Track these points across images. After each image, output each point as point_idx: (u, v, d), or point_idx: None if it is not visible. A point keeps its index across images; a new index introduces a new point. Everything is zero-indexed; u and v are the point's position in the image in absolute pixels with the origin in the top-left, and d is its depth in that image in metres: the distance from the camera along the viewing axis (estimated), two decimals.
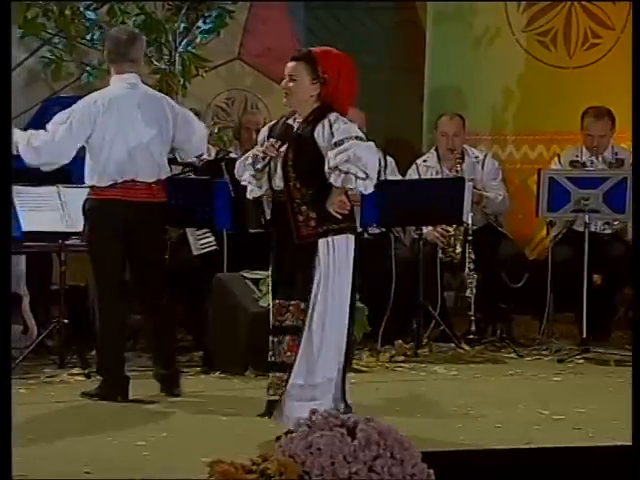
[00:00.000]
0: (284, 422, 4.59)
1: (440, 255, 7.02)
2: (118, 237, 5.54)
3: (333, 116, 4.69)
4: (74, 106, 5.58)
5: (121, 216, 5.53)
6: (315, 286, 4.64)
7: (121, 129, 5.53)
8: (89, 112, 5.52)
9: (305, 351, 4.66)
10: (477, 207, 7.07)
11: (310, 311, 4.64)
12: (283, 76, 4.75)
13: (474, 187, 7.05)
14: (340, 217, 4.64)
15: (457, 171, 7.17)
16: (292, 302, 4.67)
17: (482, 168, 7.34)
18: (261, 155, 4.71)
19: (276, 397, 4.67)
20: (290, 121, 4.78)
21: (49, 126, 5.56)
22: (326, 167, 4.61)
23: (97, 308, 5.65)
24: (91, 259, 5.66)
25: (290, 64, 4.76)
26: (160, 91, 6.26)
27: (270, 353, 4.71)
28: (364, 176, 4.58)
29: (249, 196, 4.82)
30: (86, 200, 5.65)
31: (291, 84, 4.73)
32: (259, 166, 4.72)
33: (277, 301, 4.70)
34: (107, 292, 5.59)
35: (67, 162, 5.58)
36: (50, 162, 5.59)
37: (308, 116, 4.72)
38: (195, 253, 6.78)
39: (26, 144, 5.53)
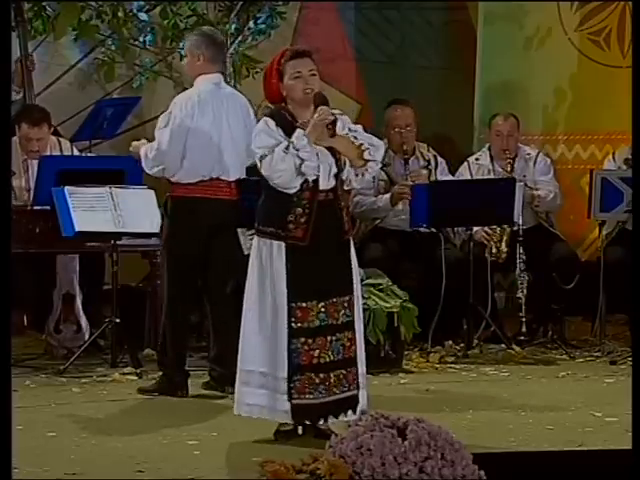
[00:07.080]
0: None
1: (486, 254, 6.99)
2: (201, 235, 5.56)
3: (338, 112, 4.74)
4: (172, 109, 5.58)
5: (206, 214, 5.54)
6: (355, 279, 4.74)
7: (214, 127, 5.56)
8: (186, 113, 5.54)
9: (360, 342, 4.74)
10: (529, 206, 7.03)
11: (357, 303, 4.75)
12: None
13: (525, 185, 7.02)
14: None
15: (509, 170, 7.15)
16: (345, 297, 4.70)
17: (534, 165, 7.31)
18: (324, 122, 4.59)
19: (352, 392, 4.67)
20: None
21: (156, 134, 5.58)
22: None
23: (168, 304, 5.65)
24: (168, 257, 5.66)
25: (308, 60, 4.69)
26: None
27: (329, 353, 4.66)
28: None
29: (292, 188, 4.63)
30: (168, 197, 5.65)
31: (315, 78, 4.69)
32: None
33: (332, 299, 4.67)
34: (182, 290, 5.60)
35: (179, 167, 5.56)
36: (163, 169, 5.61)
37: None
38: (246, 252, 6.80)
39: (145, 157, 5.61)
